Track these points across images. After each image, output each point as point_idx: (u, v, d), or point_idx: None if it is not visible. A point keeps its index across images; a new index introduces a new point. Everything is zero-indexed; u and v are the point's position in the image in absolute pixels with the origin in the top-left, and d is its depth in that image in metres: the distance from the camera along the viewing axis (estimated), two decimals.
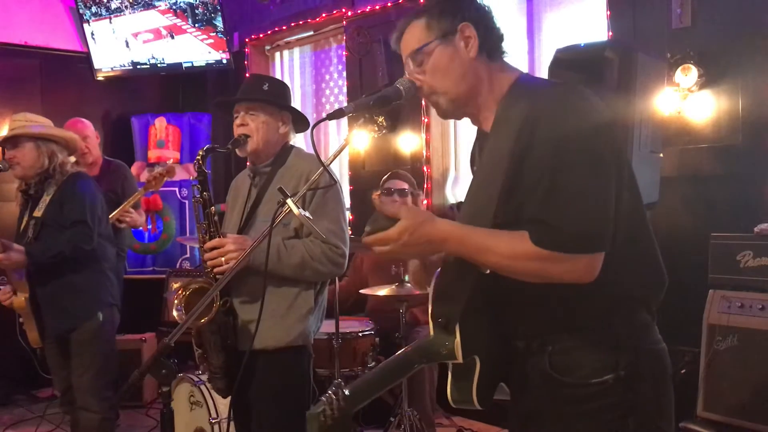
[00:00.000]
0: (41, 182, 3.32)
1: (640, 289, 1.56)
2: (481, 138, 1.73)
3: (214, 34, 6.07)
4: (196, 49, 6.20)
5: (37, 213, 3.27)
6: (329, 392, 1.43)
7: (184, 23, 6.14)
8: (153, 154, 6.29)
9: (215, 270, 2.45)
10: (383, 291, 3.72)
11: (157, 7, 6.16)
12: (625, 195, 1.49)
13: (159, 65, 6.35)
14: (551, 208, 1.42)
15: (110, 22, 6.28)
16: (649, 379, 1.51)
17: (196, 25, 6.11)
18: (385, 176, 4.32)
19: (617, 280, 1.48)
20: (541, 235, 1.42)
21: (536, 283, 1.48)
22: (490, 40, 1.64)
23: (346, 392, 1.44)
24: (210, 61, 6.21)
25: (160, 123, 6.29)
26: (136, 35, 6.30)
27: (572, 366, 1.52)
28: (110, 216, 3.82)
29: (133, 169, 6.09)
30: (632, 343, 1.52)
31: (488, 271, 1.52)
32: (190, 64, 6.29)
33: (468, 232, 1.51)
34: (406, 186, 4.21)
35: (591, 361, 1.50)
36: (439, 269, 1.63)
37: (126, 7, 6.21)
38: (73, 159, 3.46)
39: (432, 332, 1.57)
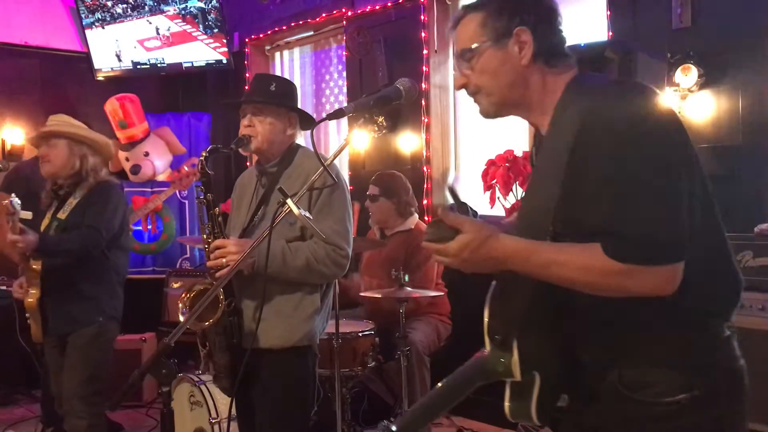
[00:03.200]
0: (72, 185, 3.33)
1: (717, 301, 1.44)
2: (537, 141, 1.62)
3: (225, 41, 6.05)
4: (198, 50, 6.20)
5: (61, 215, 3.29)
6: None
7: (194, 30, 6.11)
8: (121, 135, 5.94)
9: (218, 273, 2.43)
10: (383, 291, 3.71)
11: (165, 12, 6.14)
12: (698, 196, 1.40)
13: (159, 65, 6.36)
14: (622, 217, 1.33)
15: (114, 28, 6.25)
16: (725, 401, 1.42)
17: (207, 31, 6.09)
18: None
19: (694, 292, 1.36)
20: (615, 247, 1.33)
21: (603, 295, 1.38)
22: (548, 46, 1.52)
23: (394, 429, 1.38)
24: (210, 61, 6.21)
25: (111, 104, 5.85)
26: (142, 42, 6.27)
27: (644, 383, 1.41)
28: None
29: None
30: (710, 360, 1.42)
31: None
32: (190, 64, 6.29)
33: (535, 248, 1.40)
34: (376, 191, 4.17)
35: (664, 379, 1.40)
36: (494, 282, 1.53)
37: (131, 12, 6.19)
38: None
39: (488, 348, 1.49)
